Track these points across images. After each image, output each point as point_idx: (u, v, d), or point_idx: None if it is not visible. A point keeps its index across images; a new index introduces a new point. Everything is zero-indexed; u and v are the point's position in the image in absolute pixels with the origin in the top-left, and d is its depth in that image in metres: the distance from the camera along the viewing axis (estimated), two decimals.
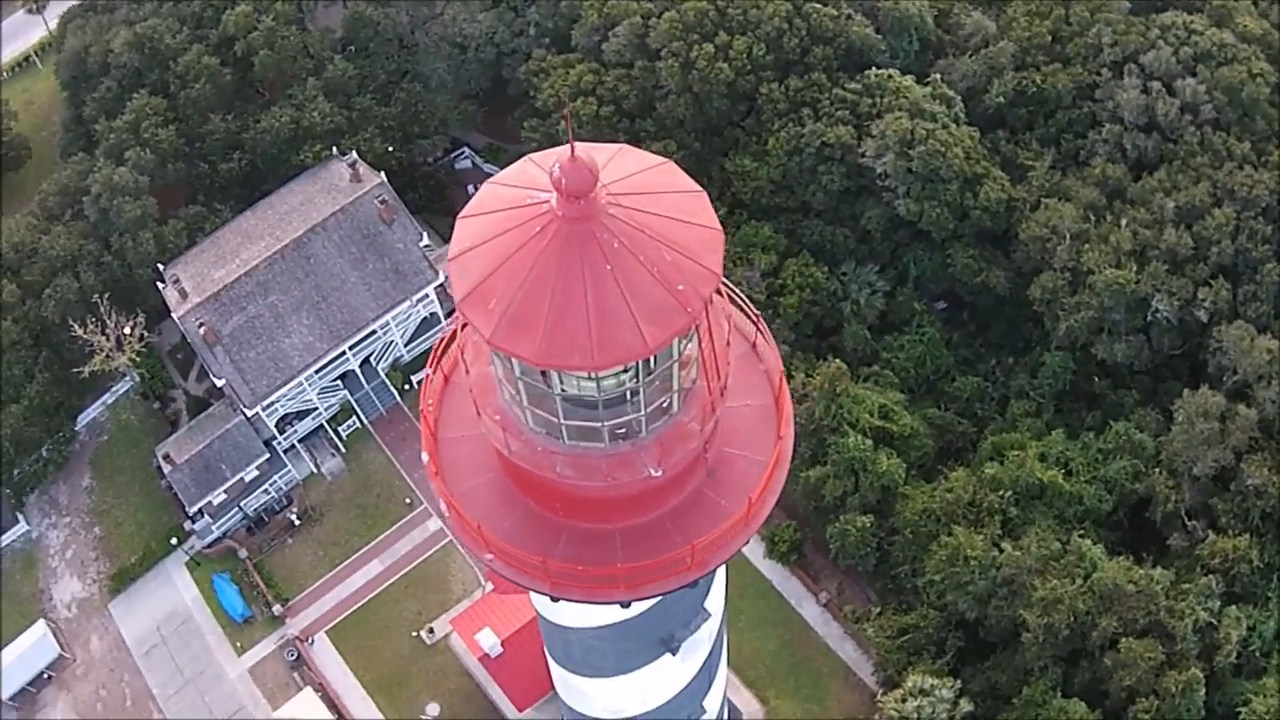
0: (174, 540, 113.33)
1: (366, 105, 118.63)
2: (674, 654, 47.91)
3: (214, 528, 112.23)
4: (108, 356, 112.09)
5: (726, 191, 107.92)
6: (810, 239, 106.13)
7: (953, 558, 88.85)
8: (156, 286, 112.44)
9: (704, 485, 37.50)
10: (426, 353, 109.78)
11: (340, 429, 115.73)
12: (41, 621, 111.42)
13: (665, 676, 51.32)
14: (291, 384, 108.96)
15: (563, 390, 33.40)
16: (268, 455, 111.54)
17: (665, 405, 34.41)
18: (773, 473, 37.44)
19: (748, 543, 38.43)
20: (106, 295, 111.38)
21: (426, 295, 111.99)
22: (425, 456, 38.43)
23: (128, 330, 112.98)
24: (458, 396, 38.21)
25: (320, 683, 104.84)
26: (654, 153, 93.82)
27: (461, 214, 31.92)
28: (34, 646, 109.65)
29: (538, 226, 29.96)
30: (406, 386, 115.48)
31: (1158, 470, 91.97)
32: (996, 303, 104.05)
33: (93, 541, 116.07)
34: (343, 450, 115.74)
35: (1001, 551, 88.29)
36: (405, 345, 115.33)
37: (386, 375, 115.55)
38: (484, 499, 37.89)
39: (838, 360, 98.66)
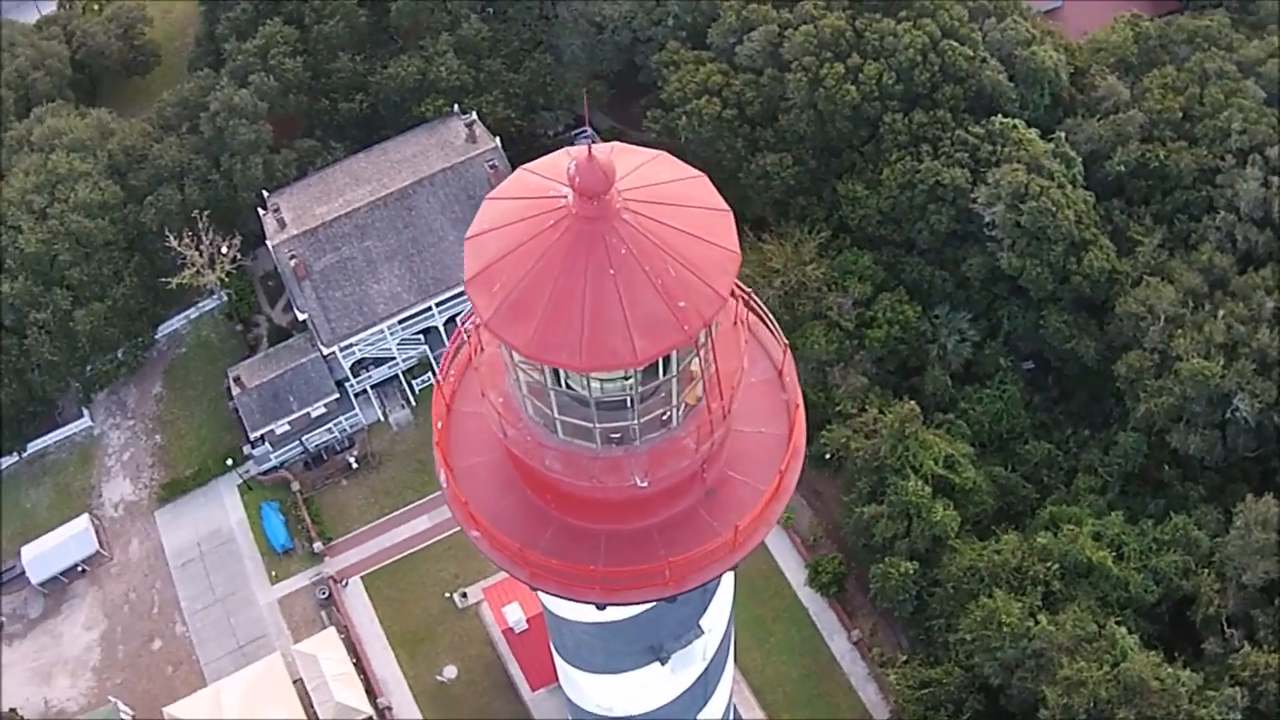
0: (230, 461, 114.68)
1: (495, 69, 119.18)
2: (663, 664, 47.61)
3: (272, 456, 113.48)
4: (198, 272, 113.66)
5: (834, 214, 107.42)
6: (908, 276, 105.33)
7: (987, 620, 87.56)
8: (258, 212, 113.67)
9: (700, 504, 37.18)
10: None
11: (415, 382, 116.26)
12: (86, 516, 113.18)
13: (655, 684, 50.74)
14: (372, 330, 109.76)
15: (558, 386, 33.33)
16: (337, 395, 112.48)
17: (665, 418, 34.18)
18: (767, 505, 37.01)
19: (734, 568, 38.38)
20: (207, 213, 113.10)
21: None
22: (437, 424, 38.55)
23: (223, 250, 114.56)
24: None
25: (345, 625, 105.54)
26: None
27: (489, 195, 32.07)
28: (74, 538, 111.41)
29: (552, 220, 30.00)
30: None
31: (1207, 571, 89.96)
32: (1082, 372, 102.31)
33: (152, 448, 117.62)
34: (413, 403, 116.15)
35: (1037, 623, 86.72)
36: None
37: None
38: (483, 476, 38.01)
39: (913, 402, 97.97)
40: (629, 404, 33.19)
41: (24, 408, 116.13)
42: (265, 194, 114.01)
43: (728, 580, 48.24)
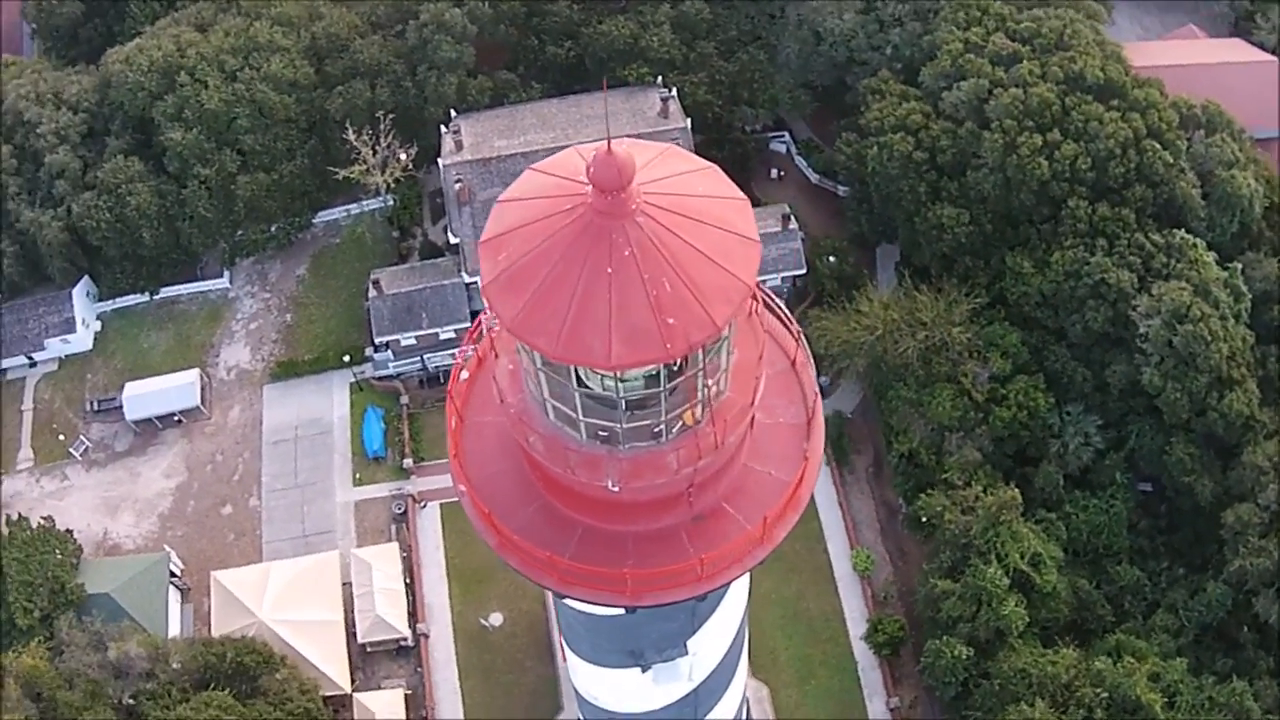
0: (348, 359, 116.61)
1: (707, 52, 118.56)
2: (643, 671, 47.46)
3: (390, 365, 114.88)
4: (368, 170, 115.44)
5: (996, 283, 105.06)
6: (1051, 365, 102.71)
7: None
8: (440, 129, 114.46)
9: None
10: None
11: None
12: (197, 371, 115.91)
13: (636, 688, 50.60)
14: None
15: (546, 367, 32.83)
16: (469, 325, 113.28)
17: (655, 430, 33.72)
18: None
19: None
20: (391, 116, 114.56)
21: None
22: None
23: (400, 157, 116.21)
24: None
25: (410, 545, 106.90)
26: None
27: (500, 198, 31.58)
28: (179, 388, 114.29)
29: (568, 207, 29.67)
30: None
31: None
32: (1194, 509, 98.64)
33: (280, 325, 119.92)
34: None
35: None
36: None
37: None
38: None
39: (1018, 491, 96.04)
40: (616, 405, 32.76)
41: (168, 253, 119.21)
42: (452, 113, 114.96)
43: (729, 610, 47.89)
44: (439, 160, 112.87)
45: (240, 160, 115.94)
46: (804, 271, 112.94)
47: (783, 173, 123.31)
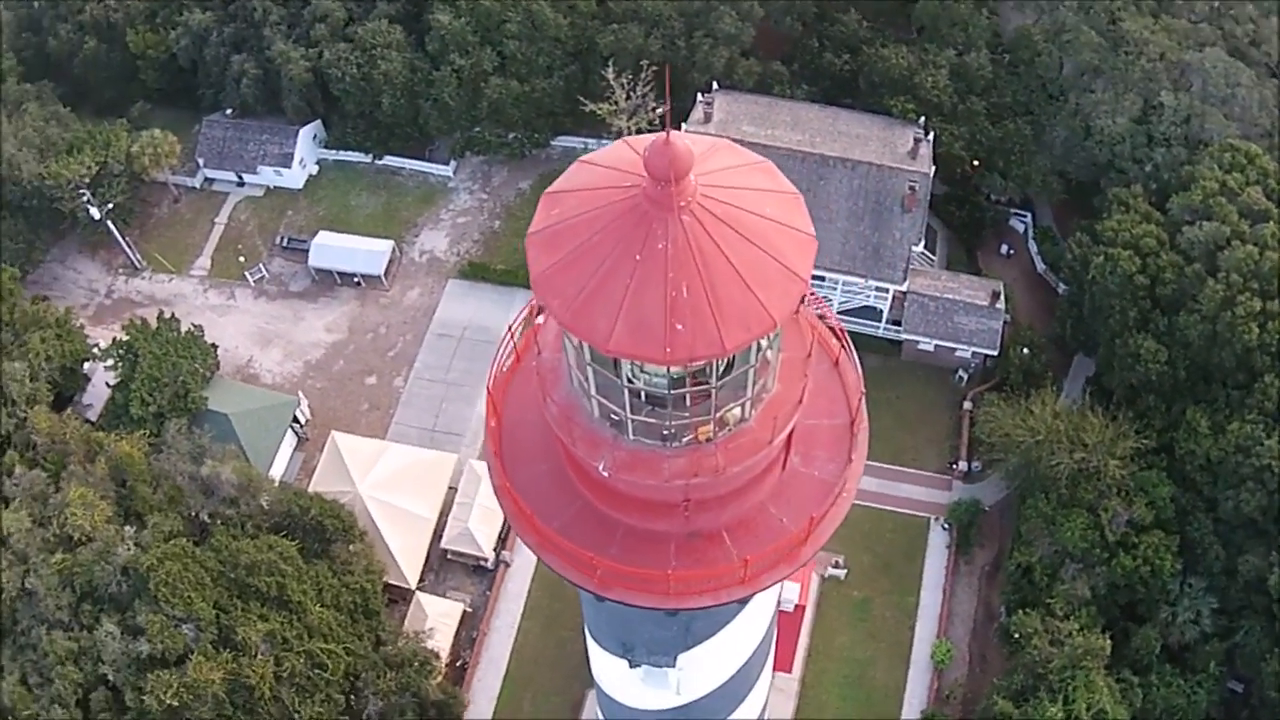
0: None
1: (976, 109, 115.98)
2: (630, 666, 47.35)
3: None
4: (615, 111, 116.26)
5: (1169, 431, 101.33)
6: (1191, 531, 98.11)
7: None
8: (697, 95, 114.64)
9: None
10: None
11: None
12: (392, 243, 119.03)
13: (625, 680, 50.44)
14: None
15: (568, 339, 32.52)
16: None
17: (665, 433, 33.33)
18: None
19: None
20: (653, 68, 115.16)
21: (884, 291, 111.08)
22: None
23: (652, 108, 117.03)
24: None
25: None
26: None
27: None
28: (369, 253, 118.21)
29: (624, 193, 29.09)
30: None
31: None
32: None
33: (486, 228, 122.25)
34: None
35: None
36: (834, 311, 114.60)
37: None
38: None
39: (1109, 642, 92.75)
40: (622, 393, 32.53)
41: (403, 125, 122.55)
42: (714, 85, 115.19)
43: (733, 640, 47.45)
44: (682, 124, 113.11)
45: (499, 62, 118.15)
46: (995, 354, 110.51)
47: (1013, 251, 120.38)
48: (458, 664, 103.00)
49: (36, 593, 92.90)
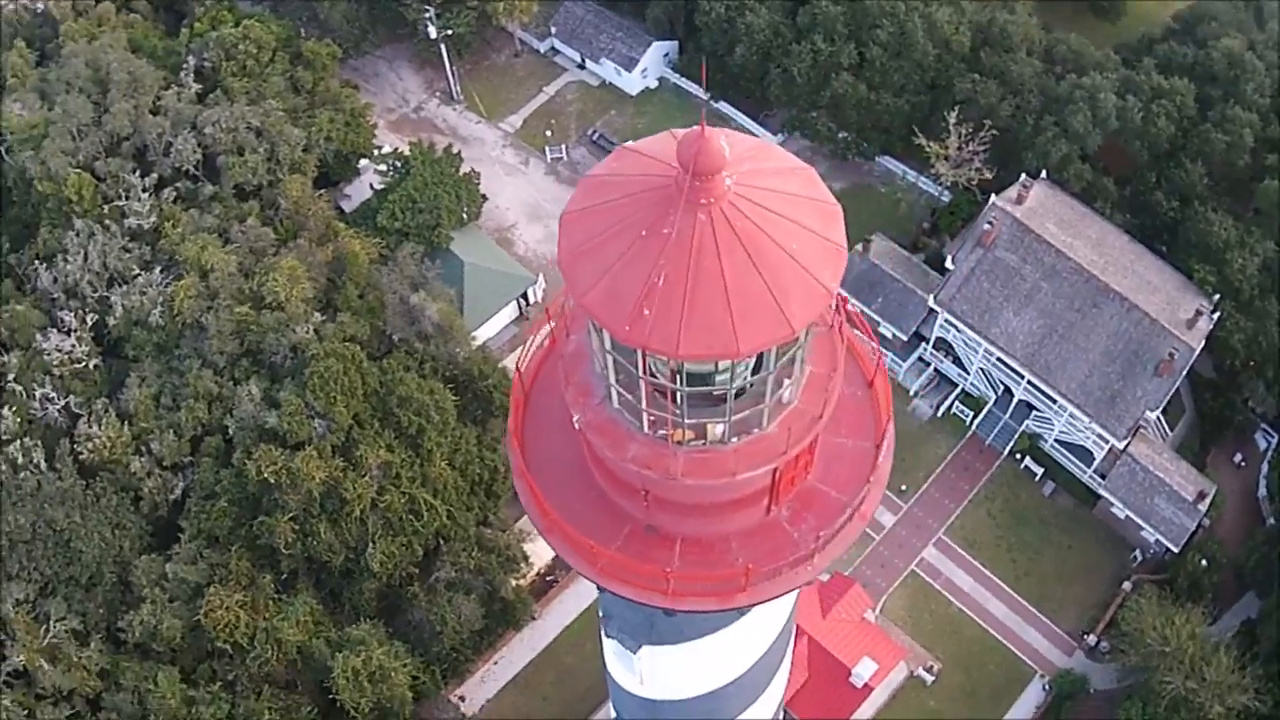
0: None
1: (1270, 310, 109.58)
2: (606, 636, 47.59)
3: None
4: (940, 155, 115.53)
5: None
6: None
7: None
8: (1021, 175, 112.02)
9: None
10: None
11: (955, 405, 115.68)
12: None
13: (618, 662, 49.53)
14: (971, 334, 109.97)
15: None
16: (906, 340, 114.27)
17: (660, 433, 32.61)
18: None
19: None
20: (994, 132, 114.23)
21: (1104, 441, 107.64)
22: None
23: (977, 169, 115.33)
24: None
25: None
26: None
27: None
28: None
29: (658, 183, 28.50)
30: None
31: None
32: None
33: None
34: (934, 413, 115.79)
35: None
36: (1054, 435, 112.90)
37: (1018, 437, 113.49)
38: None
39: None
40: (635, 377, 31.70)
41: (747, 79, 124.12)
42: (1044, 173, 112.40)
43: (708, 659, 47.06)
44: (993, 195, 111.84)
45: (858, 61, 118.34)
46: (1176, 551, 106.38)
47: (1244, 463, 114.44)
48: (548, 578, 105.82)
49: (209, 329, 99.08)
